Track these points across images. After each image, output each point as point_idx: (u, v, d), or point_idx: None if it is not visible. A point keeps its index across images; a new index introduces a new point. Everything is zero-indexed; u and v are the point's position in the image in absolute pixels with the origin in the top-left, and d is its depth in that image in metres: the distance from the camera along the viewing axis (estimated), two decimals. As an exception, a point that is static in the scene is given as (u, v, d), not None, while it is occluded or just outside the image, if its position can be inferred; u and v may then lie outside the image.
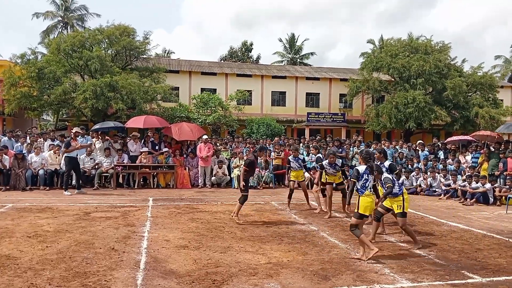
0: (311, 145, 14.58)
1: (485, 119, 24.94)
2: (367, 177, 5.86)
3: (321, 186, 9.38)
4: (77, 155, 12.12)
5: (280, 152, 14.68)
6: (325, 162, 9.15)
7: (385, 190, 6.31)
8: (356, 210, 5.86)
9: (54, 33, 38.93)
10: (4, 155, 12.29)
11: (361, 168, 5.94)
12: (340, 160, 9.51)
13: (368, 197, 5.82)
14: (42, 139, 13.85)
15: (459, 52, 48.21)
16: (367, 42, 33.83)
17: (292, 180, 9.86)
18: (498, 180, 12.13)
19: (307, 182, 11.78)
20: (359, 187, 5.87)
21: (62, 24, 40.37)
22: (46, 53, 25.83)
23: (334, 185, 9.18)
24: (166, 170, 13.64)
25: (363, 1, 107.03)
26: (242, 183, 8.03)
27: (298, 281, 4.72)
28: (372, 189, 5.93)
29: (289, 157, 10.10)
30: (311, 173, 12.90)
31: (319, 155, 9.99)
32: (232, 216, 8.09)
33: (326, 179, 9.22)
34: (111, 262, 5.23)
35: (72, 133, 12.24)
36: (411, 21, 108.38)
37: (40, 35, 39.51)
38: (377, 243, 6.64)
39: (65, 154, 11.83)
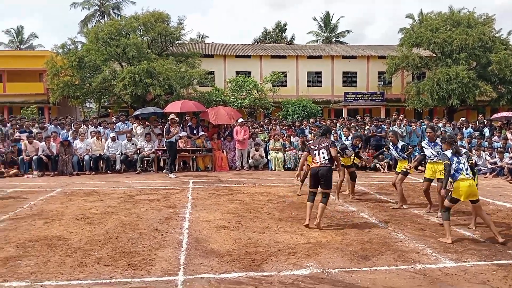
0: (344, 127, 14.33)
1: (534, 94, 23.64)
2: (458, 160, 5.67)
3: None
4: (176, 140, 12.79)
5: (317, 133, 14.56)
6: (348, 143, 8.83)
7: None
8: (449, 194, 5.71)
9: (92, 22, 39.94)
10: (52, 142, 12.89)
11: (448, 153, 5.77)
12: (362, 142, 9.24)
13: (463, 182, 5.54)
14: (85, 126, 14.39)
15: (506, 24, 45.54)
16: (406, 17, 32.54)
17: (308, 165, 9.05)
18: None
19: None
20: (452, 173, 5.62)
21: (99, 13, 41.33)
22: (85, 42, 26.63)
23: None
24: (204, 154, 13.88)
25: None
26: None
27: (338, 261, 4.72)
28: (468, 171, 5.65)
29: (346, 143, 9.32)
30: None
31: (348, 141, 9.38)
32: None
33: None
34: (155, 242, 5.43)
35: (169, 120, 12.72)
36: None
37: (79, 25, 40.65)
38: (419, 224, 6.53)
39: (166, 140, 12.46)
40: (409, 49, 26.78)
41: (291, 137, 14.55)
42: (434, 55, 27.15)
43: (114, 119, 16.82)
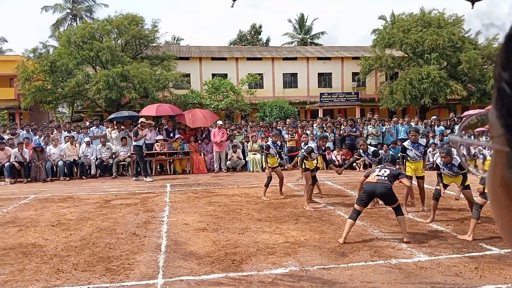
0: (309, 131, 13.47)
1: (502, 92, 24.40)
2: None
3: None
4: (143, 144, 12.55)
5: (294, 134, 14.69)
6: (314, 145, 8.16)
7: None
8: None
9: (63, 25, 39.16)
10: (24, 148, 12.58)
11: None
12: (329, 143, 9.15)
13: None
14: (58, 131, 14.10)
15: (474, 25, 47.02)
16: (379, 19, 33.12)
17: (269, 167, 8.88)
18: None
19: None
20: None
21: (71, 16, 40.55)
22: (57, 46, 26.10)
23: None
24: (181, 157, 13.81)
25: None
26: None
27: (316, 259, 4.79)
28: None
29: (269, 143, 9.16)
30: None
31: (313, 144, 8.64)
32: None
33: (305, 165, 7.98)
34: (133, 246, 5.38)
35: (138, 123, 12.52)
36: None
37: (50, 29, 39.79)
38: (394, 220, 6.68)
39: (134, 143, 12.25)
40: (382, 50, 27.31)
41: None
42: (406, 55, 27.77)
43: (88, 123, 16.57)
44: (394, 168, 5.78)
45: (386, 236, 5.69)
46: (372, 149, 8.10)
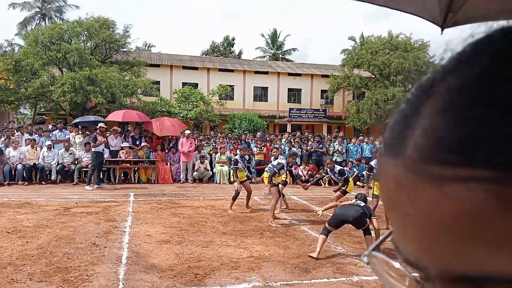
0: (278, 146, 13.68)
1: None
2: None
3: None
4: (103, 150, 12.11)
5: (262, 148, 14.77)
6: (284, 161, 8.26)
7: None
8: None
9: (31, 24, 37.96)
10: (-20, 149, 12.03)
11: None
12: (298, 159, 9.30)
13: None
14: (19, 133, 13.58)
15: (440, 50, 49.02)
16: (348, 39, 34.17)
17: (239, 182, 8.73)
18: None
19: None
20: None
21: (39, 15, 39.41)
22: (24, 45, 25.27)
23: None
24: (147, 165, 13.58)
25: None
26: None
27: (279, 274, 4.80)
28: None
29: (236, 157, 9.24)
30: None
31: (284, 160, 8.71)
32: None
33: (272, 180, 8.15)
34: (92, 257, 5.22)
35: (98, 128, 12.13)
36: (394, 17, 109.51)
37: (17, 27, 38.49)
38: (357, 237, 6.80)
39: (92, 149, 11.82)
40: (351, 69, 28.07)
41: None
42: (373, 76, 28.64)
43: (50, 126, 16.05)
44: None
45: (348, 253, 5.78)
46: (338, 168, 8.33)
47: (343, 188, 8.09)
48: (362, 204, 5.68)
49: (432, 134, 0.29)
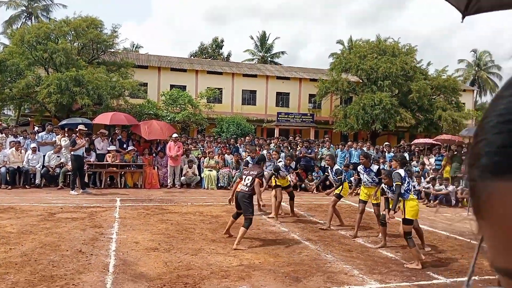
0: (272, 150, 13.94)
1: (448, 122, 25.82)
2: (408, 180, 5.93)
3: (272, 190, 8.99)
4: (83, 153, 11.86)
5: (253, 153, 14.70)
6: (281, 164, 8.91)
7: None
8: (403, 217, 5.77)
9: (17, 23, 37.35)
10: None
11: (401, 171, 5.95)
12: (294, 162, 9.51)
13: (413, 201, 5.82)
14: (3, 135, 13.28)
15: (427, 55, 49.69)
16: (337, 43, 34.37)
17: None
18: (460, 182, 12.62)
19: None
20: (402, 192, 5.81)
21: (26, 14, 38.78)
22: (9, 44, 24.83)
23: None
24: (134, 170, 13.39)
25: (335, 0, 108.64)
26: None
27: (270, 283, 4.75)
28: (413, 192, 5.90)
29: (280, 164, 9.22)
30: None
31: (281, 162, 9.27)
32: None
33: (275, 182, 8.86)
34: (78, 265, 5.10)
35: (77, 131, 11.86)
36: (382, 22, 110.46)
37: (2, 25, 37.86)
38: (346, 245, 6.79)
39: (72, 153, 11.54)
40: (339, 74, 28.16)
41: (225, 155, 14.55)
42: (361, 81, 28.80)
43: (36, 128, 15.74)
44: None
45: (338, 261, 5.75)
46: (336, 167, 8.29)
47: (337, 192, 7.99)
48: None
49: None
